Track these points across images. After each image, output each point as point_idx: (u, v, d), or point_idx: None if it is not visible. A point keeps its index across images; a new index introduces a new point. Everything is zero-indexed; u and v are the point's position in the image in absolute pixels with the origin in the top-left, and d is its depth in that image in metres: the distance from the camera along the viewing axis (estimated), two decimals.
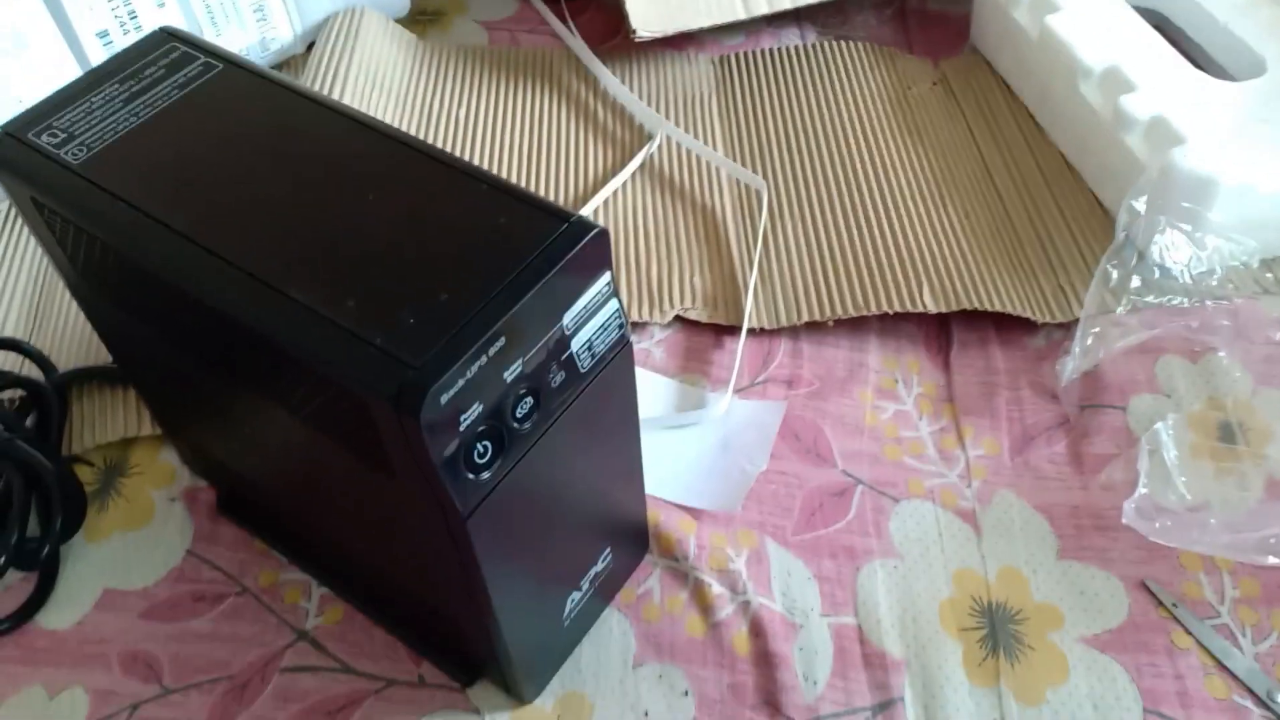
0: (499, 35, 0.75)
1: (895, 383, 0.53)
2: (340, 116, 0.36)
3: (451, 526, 0.31)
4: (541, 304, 0.30)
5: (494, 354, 0.29)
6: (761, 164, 0.64)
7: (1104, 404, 0.51)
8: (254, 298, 0.30)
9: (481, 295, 0.29)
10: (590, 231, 0.31)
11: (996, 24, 0.68)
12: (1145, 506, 0.45)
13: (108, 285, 0.37)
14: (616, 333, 0.34)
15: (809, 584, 0.45)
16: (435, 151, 0.34)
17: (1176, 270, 0.53)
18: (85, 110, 0.36)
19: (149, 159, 0.35)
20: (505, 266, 0.30)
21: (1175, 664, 0.43)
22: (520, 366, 0.30)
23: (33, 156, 0.35)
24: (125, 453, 0.51)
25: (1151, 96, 0.56)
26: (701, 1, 0.68)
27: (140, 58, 0.38)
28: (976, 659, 0.43)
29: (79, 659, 0.44)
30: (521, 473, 0.32)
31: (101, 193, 0.34)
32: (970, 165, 0.63)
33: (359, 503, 0.36)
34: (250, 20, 0.68)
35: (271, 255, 0.31)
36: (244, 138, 0.35)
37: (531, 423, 0.32)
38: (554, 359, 0.32)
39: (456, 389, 0.28)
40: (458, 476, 0.30)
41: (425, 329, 0.28)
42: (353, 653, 0.44)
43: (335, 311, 0.29)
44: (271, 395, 0.34)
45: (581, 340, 0.33)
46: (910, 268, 0.56)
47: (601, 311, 0.33)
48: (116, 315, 0.39)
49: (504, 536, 0.34)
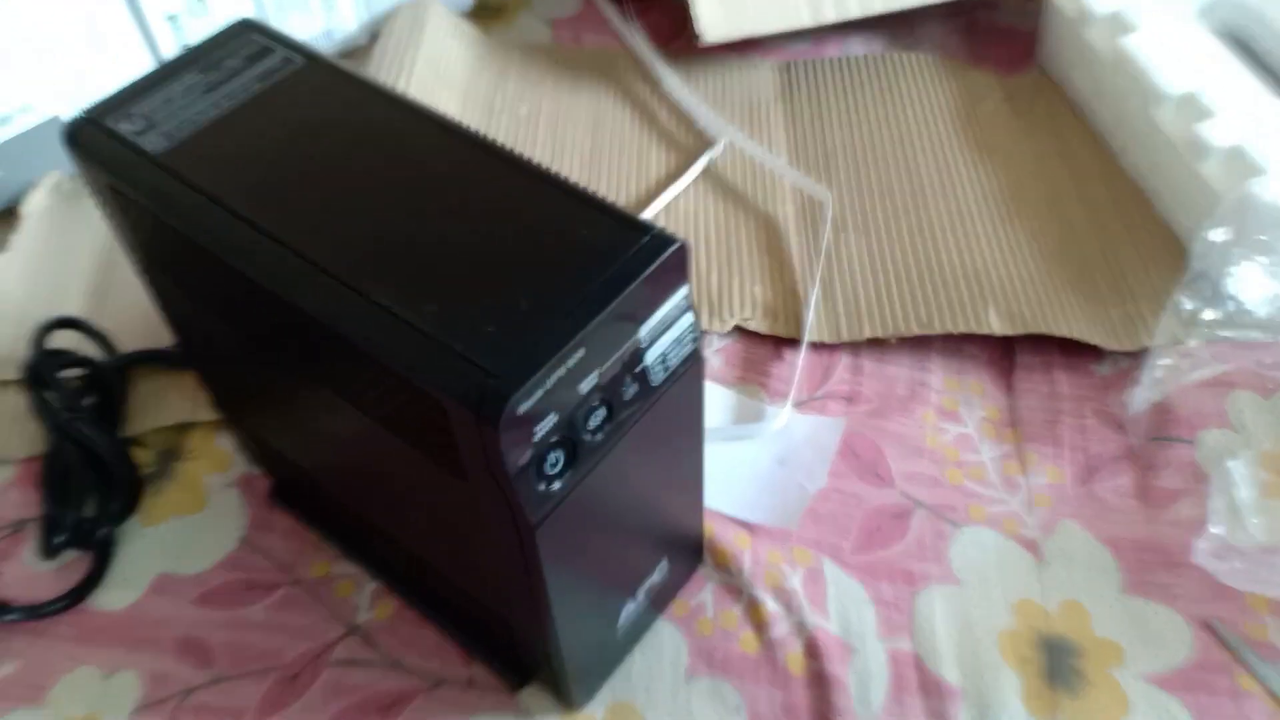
0: (562, 33, 0.74)
1: (957, 404, 0.53)
2: (421, 117, 0.35)
3: (520, 533, 0.31)
4: (620, 316, 0.30)
5: (572, 365, 0.29)
6: (825, 174, 0.63)
7: (1172, 437, 0.50)
8: (334, 298, 0.30)
9: (562, 305, 0.29)
10: (671, 245, 0.31)
11: (1068, 42, 0.67)
12: (1217, 546, 0.44)
13: (181, 274, 0.37)
14: (690, 346, 0.34)
15: (866, 606, 0.45)
16: (516, 157, 0.34)
17: (1251, 304, 0.52)
18: (165, 99, 0.36)
19: (229, 152, 0.35)
20: (586, 277, 0.30)
21: (1240, 707, 0.42)
22: (596, 378, 0.30)
23: (112, 144, 0.35)
24: (181, 437, 0.51)
25: (1230, 124, 0.55)
26: (769, 6, 0.67)
27: (219, 48, 0.38)
28: (1035, 692, 0.42)
29: (133, 642, 0.44)
30: (590, 483, 0.32)
31: (182, 184, 0.33)
32: (1038, 186, 0.62)
33: (423, 503, 0.36)
34: (317, 8, 0.68)
35: (352, 255, 0.31)
36: (324, 134, 0.35)
37: (603, 434, 0.32)
38: (628, 371, 0.32)
39: (535, 399, 0.28)
40: (530, 486, 0.30)
41: (506, 337, 0.28)
42: (403, 649, 0.44)
43: (416, 315, 0.29)
44: (344, 394, 0.33)
45: (656, 353, 0.33)
46: (977, 287, 0.55)
47: (677, 325, 0.33)
48: (186, 303, 0.39)
49: (570, 545, 0.33)
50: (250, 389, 0.42)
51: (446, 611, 0.44)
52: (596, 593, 0.38)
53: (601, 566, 0.37)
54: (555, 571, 0.33)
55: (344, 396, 0.34)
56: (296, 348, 0.34)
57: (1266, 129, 0.55)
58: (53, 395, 0.49)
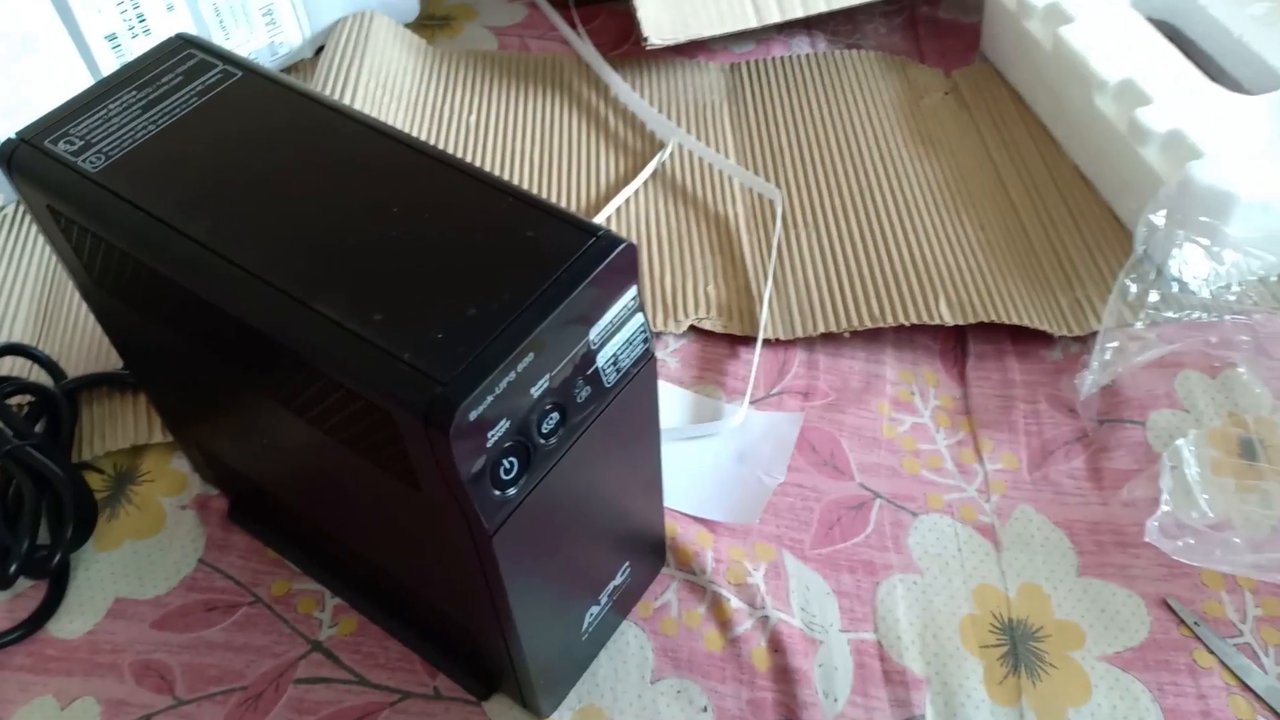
0: (508, 41, 0.74)
1: (912, 395, 0.53)
2: (362, 126, 0.35)
3: (477, 541, 0.31)
4: (569, 319, 0.30)
5: (522, 370, 0.29)
6: (774, 173, 0.64)
7: (1123, 419, 0.51)
8: (278, 310, 0.30)
9: (510, 309, 0.29)
10: (618, 245, 0.31)
11: (1009, 34, 0.68)
12: (1168, 524, 0.45)
13: (125, 293, 0.37)
14: (641, 347, 0.34)
15: (828, 599, 0.45)
16: (459, 162, 0.34)
17: (1195, 285, 0.53)
18: (102, 117, 0.36)
19: (169, 167, 0.34)
20: (533, 280, 0.30)
21: (1198, 683, 0.42)
22: (547, 382, 0.30)
23: (49, 164, 0.35)
24: (136, 460, 0.50)
25: (1168, 110, 0.56)
26: (714, 9, 0.67)
27: (156, 64, 0.38)
28: (998, 677, 0.43)
29: (90, 668, 0.43)
30: (546, 488, 0.32)
31: (121, 201, 0.33)
32: (984, 177, 0.63)
33: (379, 514, 0.36)
34: (259, 24, 0.67)
35: (296, 266, 0.31)
36: (265, 146, 0.35)
37: (557, 438, 0.31)
38: (580, 374, 0.32)
39: (485, 405, 0.28)
40: (484, 492, 0.30)
41: (454, 344, 0.28)
42: (367, 664, 0.44)
43: (362, 325, 0.29)
44: (293, 407, 0.33)
45: (607, 355, 0.32)
46: (926, 279, 0.56)
47: (627, 326, 0.33)
48: (132, 322, 0.39)
49: (528, 551, 0.33)
50: (201, 406, 0.42)
51: (409, 624, 0.44)
52: (559, 598, 0.38)
53: (562, 571, 0.37)
54: (515, 578, 0.33)
55: (292, 410, 0.33)
56: (243, 362, 0.34)
57: (1202, 112, 0.56)
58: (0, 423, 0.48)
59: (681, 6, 0.67)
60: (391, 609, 0.44)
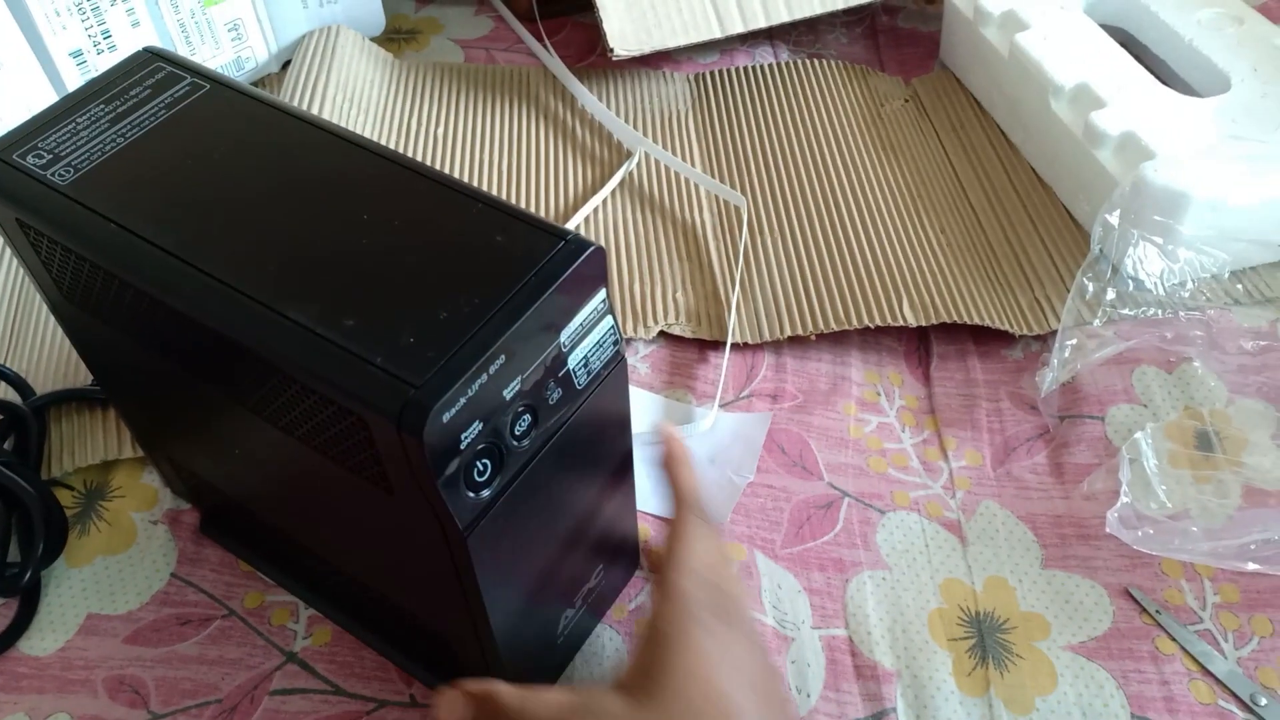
0: (474, 54, 0.75)
1: (878, 395, 0.54)
2: (330, 135, 0.36)
3: (451, 543, 0.31)
4: (539, 321, 0.30)
5: (494, 372, 0.29)
6: (739, 180, 0.65)
7: (1083, 414, 0.52)
8: (250, 317, 0.30)
9: (480, 313, 0.29)
10: (587, 249, 0.31)
11: (967, 42, 0.70)
12: (1127, 515, 0.46)
13: (96, 307, 0.37)
14: (612, 349, 0.34)
15: (799, 597, 0.46)
16: (428, 170, 0.34)
17: (1150, 282, 0.55)
18: (71, 131, 0.36)
19: (138, 179, 0.34)
20: (503, 284, 0.30)
21: (1160, 670, 0.43)
22: (519, 384, 0.30)
23: (18, 178, 0.35)
24: (106, 476, 0.50)
25: (1121, 113, 0.58)
26: (678, 20, 0.68)
27: (125, 78, 0.38)
28: (966, 669, 0.44)
29: (64, 685, 0.43)
30: (520, 490, 0.32)
31: (91, 214, 0.33)
32: (944, 182, 0.64)
33: (353, 520, 0.36)
34: (225, 39, 0.67)
35: (266, 274, 0.31)
36: (234, 157, 0.35)
37: (529, 440, 0.32)
38: (551, 376, 0.32)
39: (458, 407, 0.28)
40: (458, 494, 0.30)
41: (425, 347, 0.28)
42: (342, 674, 0.44)
43: (334, 330, 0.29)
44: (266, 415, 0.33)
45: (578, 357, 0.33)
46: (890, 282, 0.57)
47: (597, 328, 0.33)
48: (103, 335, 0.39)
49: (502, 553, 0.34)
50: (173, 418, 0.42)
51: (384, 632, 0.44)
52: (533, 601, 0.38)
53: (537, 574, 0.37)
54: (489, 581, 0.33)
55: (265, 418, 0.33)
56: (215, 372, 0.34)
57: (1155, 115, 0.58)
58: None
59: (645, 18, 0.68)
60: (366, 619, 0.44)
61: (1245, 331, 0.54)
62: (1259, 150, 0.56)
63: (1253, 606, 0.45)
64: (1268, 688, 0.43)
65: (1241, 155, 0.55)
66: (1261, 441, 0.50)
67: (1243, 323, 0.55)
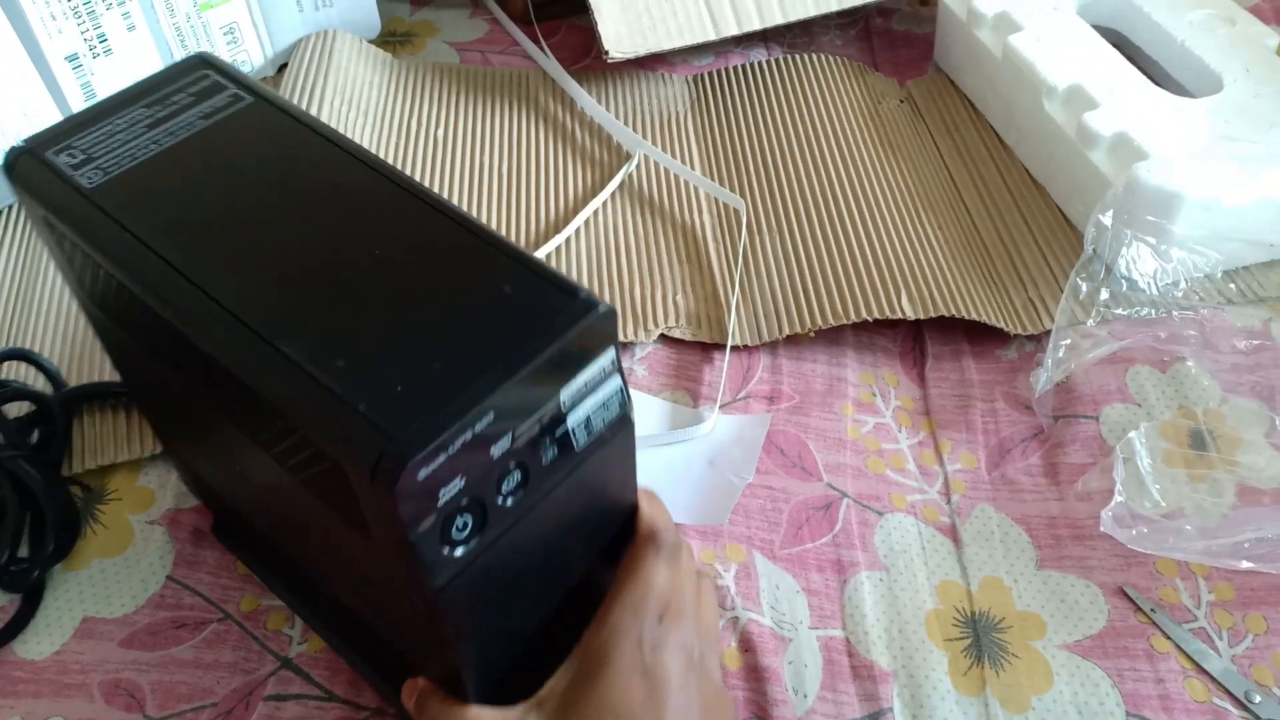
0: (470, 56, 0.75)
1: (873, 396, 0.54)
2: (361, 164, 0.35)
3: (424, 597, 0.30)
4: (538, 380, 0.29)
5: (481, 429, 0.28)
6: (739, 179, 0.65)
7: (1077, 414, 0.52)
8: (243, 347, 0.29)
9: (475, 366, 0.28)
10: (596, 309, 0.30)
11: (960, 43, 0.70)
12: (1122, 514, 0.46)
13: (110, 309, 0.37)
14: (618, 410, 0.33)
15: (798, 597, 0.46)
16: (452, 210, 0.33)
17: (1143, 282, 0.55)
18: (107, 132, 0.36)
19: (162, 190, 0.34)
20: (504, 338, 0.29)
21: (1156, 668, 0.44)
22: (509, 441, 0.29)
23: (49, 176, 0.34)
24: (103, 479, 0.50)
25: (1114, 113, 0.58)
26: (673, 22, 0.69)
27: (170, 82, 0.37)
28: (962, 668, 0.44)
29: (59, 689, 0.43)
30: (503, 547, 0.31)
31: (109, 220, 0.33)
32: (939, 183, 0.64)
33: (337, 552, 0.35)
34: (221, 42, 0.67)
35: (268, 302, 0.30)
36: (260, 176, 0.34)
37: (517, 499, 0.30)
38: (547, 435, 0.30)
39: (438, 463, 0.27)
40: (432, 550, 0.29)
41: (412, 397, 0.27)
42: (337, 680, 0.44)
43: (323, 369, 0.28)
44: (257, 440, 0.33)
45: (578, 417, 0.31)
46: (888, 276, 0.57)
47: (602, 389, 0.32)
48: (119, 335, 0.39)
49: (478, 611, 0.32)
50: (182, 422, 0.42)
51: (368, 657, 0.43)
52: (513, 659, 0.36)
53: (518, 634, 0.36)
54: (463, 637, 0.32)
55: (257, 442, 0.33)
56: (212, 390, 0.34)
57: (1147, 116, 0.58)
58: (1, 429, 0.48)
59: (641, 20, 0.68)
60: (354, 642, 0.44)
61: (1238, 331, 0.54)
62: (1251, 150, 0.56)
63: (1247, 604, 0.45)
64: (1262, 685, 0.43)
65: (1234, 155, 0.56)
66: (1255, 440, 0.50)
67: (1236, 322, 0.55)
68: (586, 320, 0.29)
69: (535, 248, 0.60)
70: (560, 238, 0.60)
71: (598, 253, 0.60)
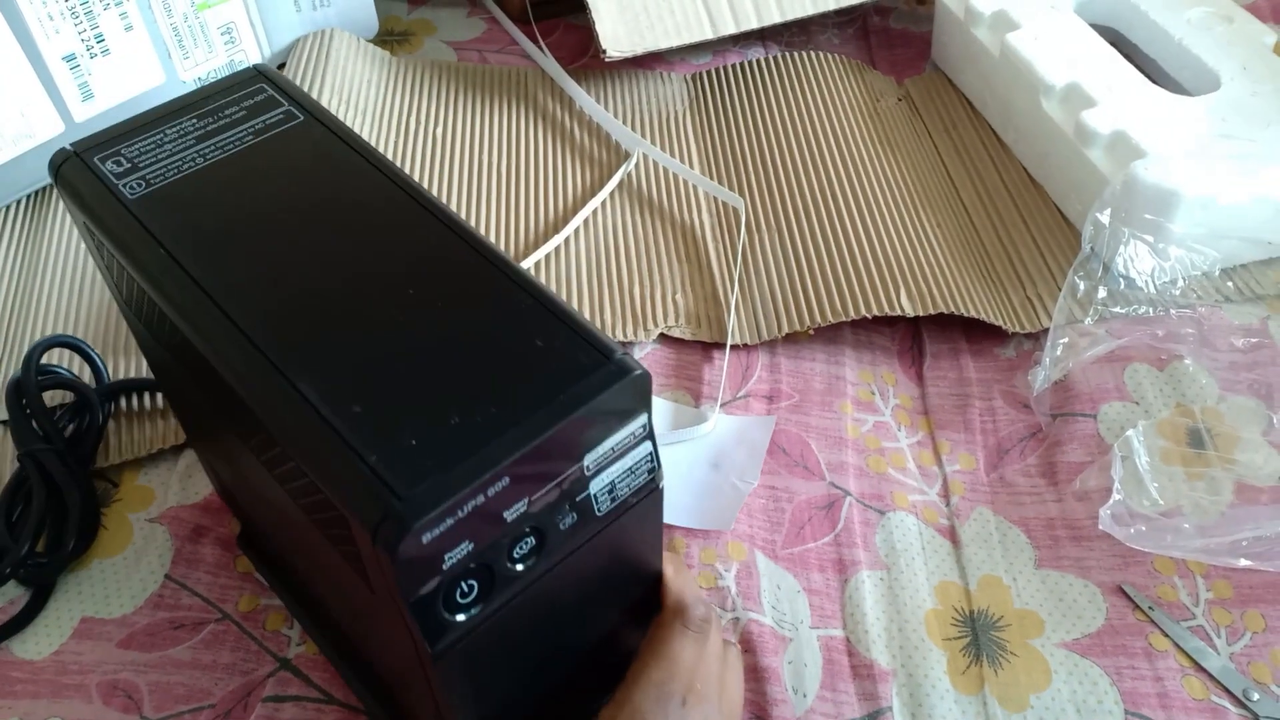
0: (467, 55, 0.75)
1: (872, 395, 0.54)
2: (405, 194, 0.34)
3: (421, 660, 0.29)
4: (560, 444, 0.27)
5: (495, 493, 0.26)
6: (738, 177, 0.65)
7: (1075, 412, 0.52)
8: (260, 380, 0.29)
9: (495, 425, 0.26)
10: (630, 373, 0.28)
11: (958, 42, 0.70)
12: (1120, 513, 0.46)
13: (145, 318, 0.36)
14: (646, 477, 0.31)
15: (799, 597, 0.46)
16: (495, 254, 0.32)
17: (1141, 281, 0.55)
18: (156, 142, 0.35)
19: (202, 206, 0.33)
20: (528, 397, 0.27)
21: (1154, 666, 0.44)
22: (525, 505, 0.28)
23: (93, 183, 0.34)
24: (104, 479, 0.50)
25: (1112, 112, 0.58)
26: (670, 21, 0.69)
27: (225, 94, 0.37)
28: (960, 667, 0.44)
29: (57, 689, 0.43)
30: (511, 614, 0.29)
31: (146, 234, 0.32)
32: (938, 181, 0.64)
33: (342, 592, 0.35)
34: (218, 42, 0.67)
35: (291, 334, 0.29)
36: (301, 201, 0.33)
37: (529, 564, 0.29)
38: (567, 499, 0.29)
39: (443, 527, 0.25)
40: (432, 615, 0.27)
41: (425, 454, 0.26)
42: (336, 683, 0.44)
43: (338, 414, 0.27)
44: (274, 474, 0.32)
45: (602, 483, 0.30)
46: (887, 273, 0.57)
47: (631, 454, 0.30)
48: (152, 344, 0.38)
49: (481, 677, 0.31)
50: (208, 433, 0.42)
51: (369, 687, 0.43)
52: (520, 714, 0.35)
53: (525, 691, 0.35)
54: (461, 703, 0.31)
55: (271, 474, 0.32)
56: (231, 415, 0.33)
57: (1145, 114, 0.58)
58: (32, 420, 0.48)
59: (638, 20, 0.68)
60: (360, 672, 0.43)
61: (1236, 329, 0.54)
62: (1249, 148, 0.56)
63: (1245, 602, 0.45)
64: (1260, 683, 0.43)
65: (1231, 153, 0.56)
66: (1253, 438, 0.50)
67: (1233, 320, 0.55)
68: (619, 385, 0.28)
69: (534, 247, 0.60)
70: (559, 237, 0.60)
71: (597, 252, 0.60)
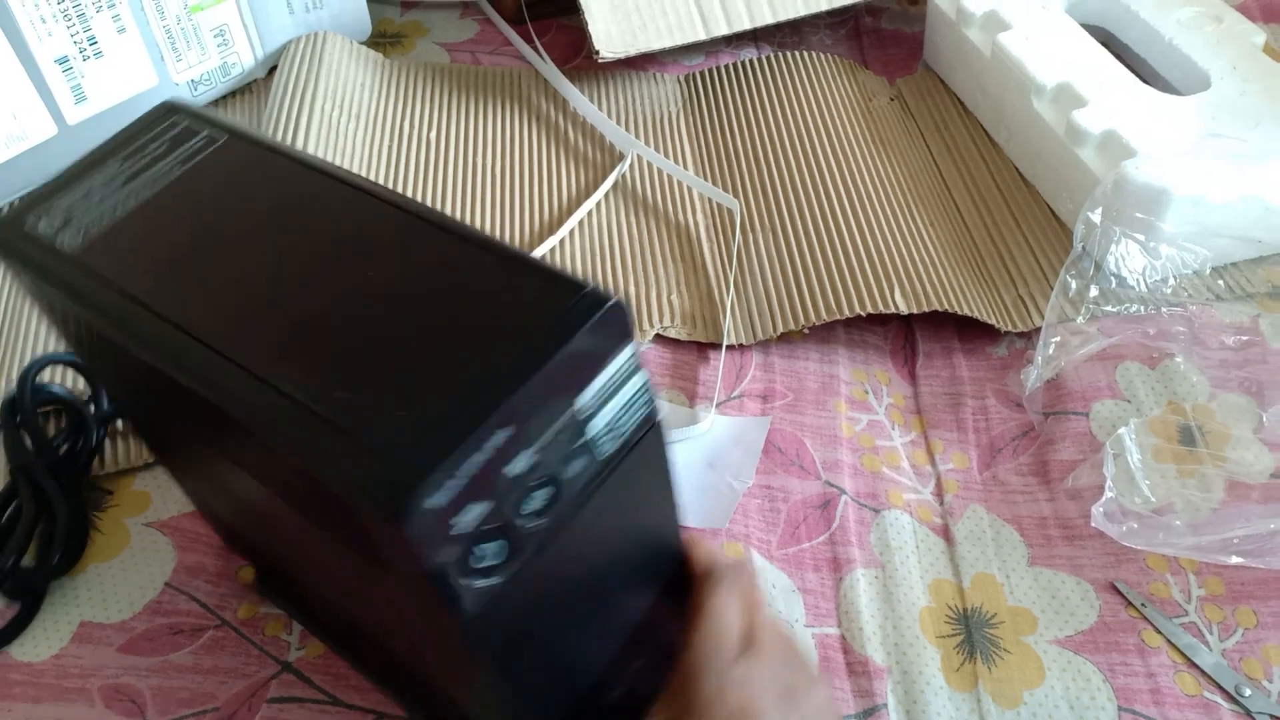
0: (460, 57, 0.75)
1: (866, 394, 0.54)
2: (343, 185, 0.34)
3: (450, 631, 0.29)
4: (550, 386, 0.27)
5: (496, 447, 0.26)
6: (732, 177, 0.65)
7: (1067, 410, 0.53)
8: (241, 390, 0.28)
9: (481, 381, 0.26)
10: (605, 303, 0.28)
11: (950, 42, 0.70)
12: (1112, 510, 0.46)
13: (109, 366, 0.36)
14: (644, 409, 0.31)
15: (794, 596, 0.46)
16: (441, 219, 0.32)
17: (1132, 279, 0.55)
18: (84, 193, 0.35)
19: (145, 241, 0.33)
20: (509, 347, 0.27)
21: (1147, 662, 0.44)
22: (532, 457, 0.27)
23: (30, 242, 0.34)
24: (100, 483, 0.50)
25: (1103, 111, 0.58)
26: (663, 21, 0.69)
27: (144, 133, 0.37)
28: (955, 664, 0.44)
29: (59, 693, 0.43)
30: (534, 571, 0.29)
31: (93, 278, 0.32)
32: (930, 180, 0.65)
33: (360, 591, 0.35)
34: (211, 45, 0.67)
35: (263, 340, 0.29)
36: (242, 214, 0.34)
37: (544, 519, 0.29)
38: (569, 445, 0.29)
39: (450, 491, 0.25)
40: (453, 583, 0.27)
41: (419, 422, 0.26)
42: (339, 685, 0.44)
43: (324, 404, 0.27)
44: (268, 484, 0.32)
45: (602, 422, 0.30)
46: (881, 272, 0.57)
47: (625, 388, 0.30)
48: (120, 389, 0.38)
49: (514, 637, 0.31)
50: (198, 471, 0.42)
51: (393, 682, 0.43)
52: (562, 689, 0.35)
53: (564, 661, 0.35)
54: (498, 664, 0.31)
55: (268, 488, 0.32)
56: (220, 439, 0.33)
57: (1135, 113, 0.58)
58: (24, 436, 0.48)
59: (631, 20, 0.68)
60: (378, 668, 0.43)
61: (1227, 327, 0.55)
62: (1239, 147, 0.56)
63: (1237, 599, 0.46)
64: (1252, 678, 0.43)
65: (1222, 152, 0.56)
66: (1244, 436, 0.51)
67: (1224, 318, 0.55)
68: (596, 316, 0.28)
69: (529, 250, 0.60)
70: (554, 239, 0.60)
71: (592, 254, 0.61)
